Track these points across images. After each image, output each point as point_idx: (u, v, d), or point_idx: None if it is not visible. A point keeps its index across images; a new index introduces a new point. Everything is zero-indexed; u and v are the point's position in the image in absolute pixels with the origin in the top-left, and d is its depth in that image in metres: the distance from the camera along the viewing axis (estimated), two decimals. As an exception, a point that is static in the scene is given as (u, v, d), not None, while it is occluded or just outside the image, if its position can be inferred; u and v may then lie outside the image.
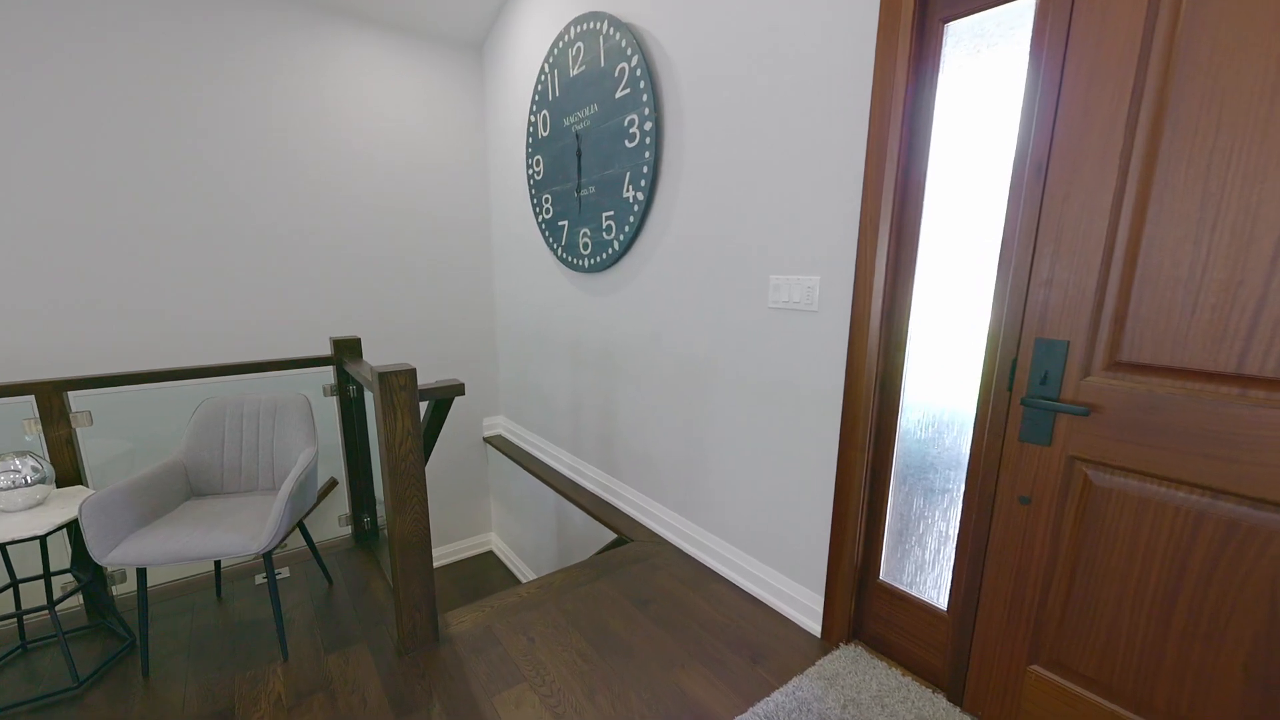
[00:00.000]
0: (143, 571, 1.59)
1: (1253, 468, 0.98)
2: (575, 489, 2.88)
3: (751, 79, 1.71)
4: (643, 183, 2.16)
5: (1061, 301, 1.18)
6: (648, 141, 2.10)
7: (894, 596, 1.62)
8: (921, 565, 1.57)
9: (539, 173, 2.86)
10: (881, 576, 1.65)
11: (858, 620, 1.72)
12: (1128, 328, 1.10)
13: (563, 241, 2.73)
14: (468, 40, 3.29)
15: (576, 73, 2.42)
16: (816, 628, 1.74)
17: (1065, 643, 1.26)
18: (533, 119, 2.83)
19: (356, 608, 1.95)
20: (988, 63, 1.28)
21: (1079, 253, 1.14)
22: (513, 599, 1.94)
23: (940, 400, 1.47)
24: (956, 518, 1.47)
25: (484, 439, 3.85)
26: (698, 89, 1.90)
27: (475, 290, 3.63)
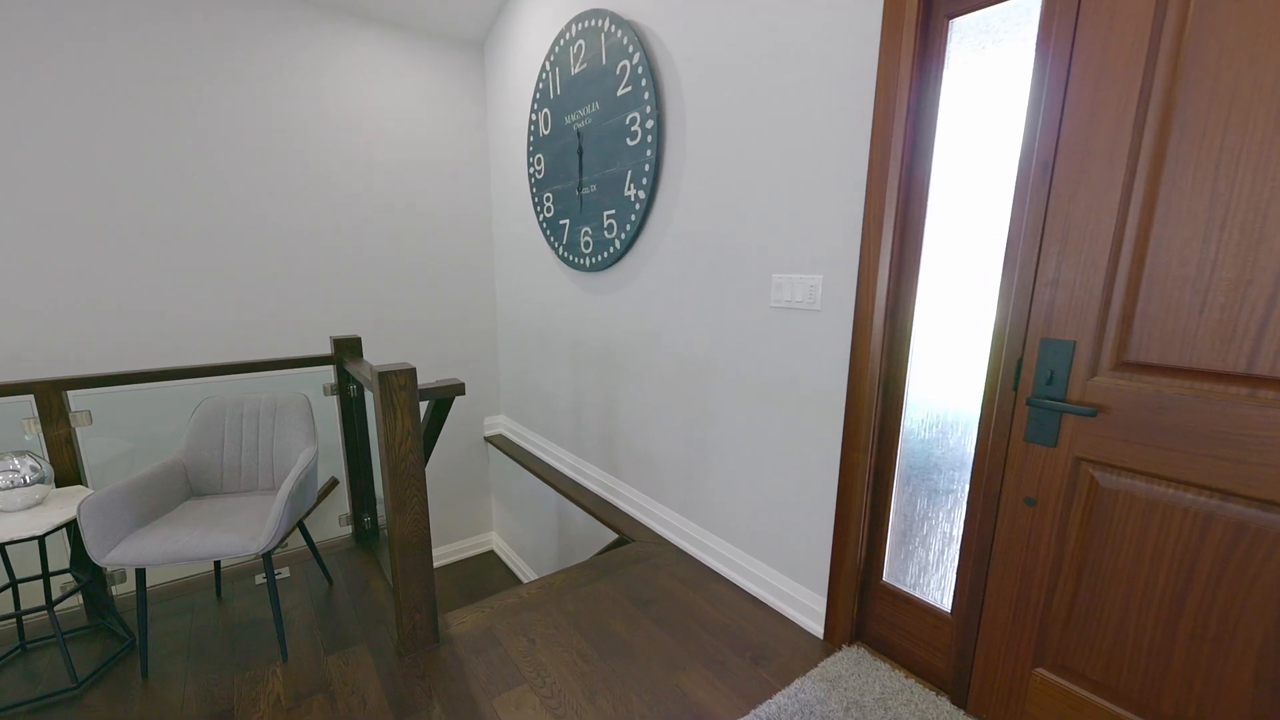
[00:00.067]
0: (142, 572, 1.58)
1: (1262, 469, 0.97)
2: (576, 489, 2.87)
3: (753, 76, 1.70)
4: (644, 181, 2.14)
5: (1068, 301, 1.17)
6: (649, 140, 2.09)
7: (897, 598, 1.61)
8: (925, 566, 1.56)
9: (540, 171, 2.85)
10: (885, 578, 1.64)
11: (860, 621, 1.71)
12: (1135, 327, 1.09)
13: (564, 240, 2.72)
14: (469, 38, 3.28)
15: (578, 70, 2.41)
16: (819, 629, 1.73)
17: (1071, 646, 1.25)
18: (534, 117, 2.82)
19: (356, 608, 1.94)
20: (993, 59, 1.27)
21: (1085, 252, 1.13)
22: (513, 600, 1.94)
23: (944, 400, 1.46)
24: (961, 519, 1.46)
25: (485, 438, 3.85)
26: (699, 86, 1.89)
27: (476, 289, 3.62)
